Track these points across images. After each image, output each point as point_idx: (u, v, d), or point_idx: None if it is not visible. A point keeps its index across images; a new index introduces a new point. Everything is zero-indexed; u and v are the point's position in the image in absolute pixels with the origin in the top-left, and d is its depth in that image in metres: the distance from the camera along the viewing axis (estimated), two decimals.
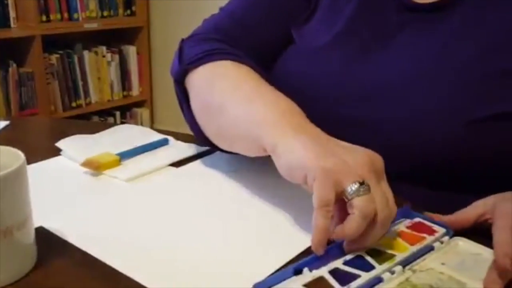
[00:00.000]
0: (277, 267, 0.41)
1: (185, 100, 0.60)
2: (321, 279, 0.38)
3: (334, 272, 0.39)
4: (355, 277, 0.38)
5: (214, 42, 0.62)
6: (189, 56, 0.59)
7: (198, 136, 0.61)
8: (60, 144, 0.65)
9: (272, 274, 0.40)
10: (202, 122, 0.58)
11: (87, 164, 0.58)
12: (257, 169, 0.61)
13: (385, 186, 0.43)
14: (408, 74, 0.56)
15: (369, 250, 0.42)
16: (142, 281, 0.39)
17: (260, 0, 0.66)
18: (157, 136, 0.69)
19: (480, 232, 0.45)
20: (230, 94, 0.54)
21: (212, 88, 0.56)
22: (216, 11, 0.69)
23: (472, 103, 0.53)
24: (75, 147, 0.64)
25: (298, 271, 0.39)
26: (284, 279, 0.38)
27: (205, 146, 0.63)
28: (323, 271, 0.39)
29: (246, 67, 0.57)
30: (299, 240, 0.45)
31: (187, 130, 0.74)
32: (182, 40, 0.64)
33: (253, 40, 0.65)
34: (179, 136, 0.70)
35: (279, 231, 0.47)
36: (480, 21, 0.55)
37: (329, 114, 0.59)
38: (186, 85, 0.60)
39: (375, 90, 0.58)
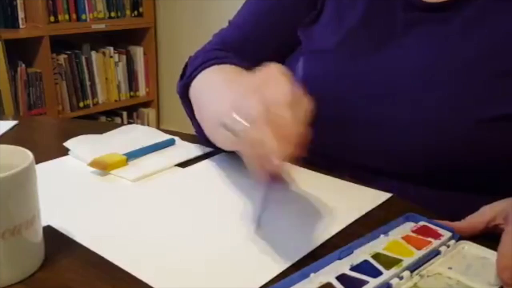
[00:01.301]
0: (283, 268, 0.41)
1: (191, 112, 0.64)
2: (328, 286, 0.38)
3: (341, 278, 0.38)
4: (363, 283, 0.38)
5: (215, 51, 0.65)
6: (189, 72, 0.64)
7: (205, 142, 0.63)
8: (68, 144, 0.65)
9: (278, 275, 0.40)
10: (201, 124, 0.61)
11: (95, 164, 0.59)
12: None
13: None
14: (415, 74, 0.56)
15: (375, 254, 0.41)
16: (148, 281, 0.39)
17: (265, 11, 0.68)
18: (163, 137, 0.70)
19: (486, 235, 0.45)
20: (205, 91, 0.59)
21: (200, 91, 0.60)
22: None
23: (480, 102, 0.53)
24: (83, 147, 0.64)
25: (304, 277, 0.39)
26: (291, 285, 0.38)
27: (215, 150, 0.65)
28: (330, 277, 0.38)
29: (228, 65, 0.61)
30: (305, 242, 0.45)
31: (193, 130, 0.74)
32: (189, 58, 0.67)
33: (261, 52, 0.66)
34: (185, 137, 0.70)
35: (285, 233, 0.47)
36: (487, 21, 0.55)
37: (336, 116, 0.59)
38: (190, 95, 0.64)
39: (381, 91, 0.58)
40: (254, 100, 0.39)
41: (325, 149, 0.61)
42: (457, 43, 0.56)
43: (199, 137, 0.64)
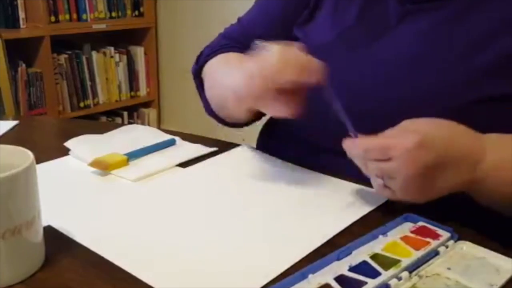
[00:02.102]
0: (284, 268, 0.41)
1: (202, 90, 0.72)
2: (326, 287, 0.38)
3: (340, 279, 0.38)
4: (361, 284, 0.38)
5: (224, 41, 0.73)
6: (203, 56, 0.73)
7: (213, 117, 0.71)
8: (68, 144, 0.65)
9: (279, 275, 0.40)
10: (211, 100, 0.69)
11: (95, 164, 0.59)
12: (264, 170, 0.61)
13: None
14: (406, 64, 0.58)
15: (373, 255, 0.42)
16: (148, 281, 0.39)
17: (266, 12, 0.73)
18: (164, 137, 0.70)
19: (484, 236, 0.45)
20: (221, 68, 0.67)
21: (215, 71, 0.69)
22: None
23: (461, 87, 0.54)
24: (83, 147, 0.65)
25: (303, 278, 0.39)
26: (290, 286, 0.38)
27: (225, 125, 0.71)
28: (328, 278, 0.39)
29: (234, 53, 0.69)
30: (305, 242, 0.45)
31: (194, 130, 0.75)
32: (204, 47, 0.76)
33: None
34: (186, 137, 0.71)
35: (285, 233, 0.47)
36: (477, 8, 0.57)
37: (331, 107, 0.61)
38: (202, 77, 0.72)
39: (374, 82, 0.60)
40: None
41: (317, 139, 0.63)
42: (449, 31, 0.57)
43: (206, 111, 0.72)
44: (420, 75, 0.57)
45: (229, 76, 0.59)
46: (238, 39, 0.73)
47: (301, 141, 0.65)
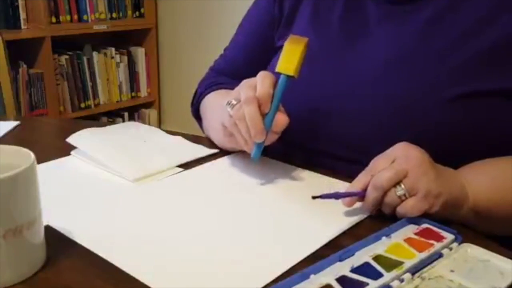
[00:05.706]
0: (284, 269, 0.41)
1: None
2: (328, 287, 0.38)
3: (341, 280, 0.38)
4: (363, 285, 0.38)
5: (213, 79, 0.77)
6: (197, 96, 0.77)
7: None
8: (70, 139, 0.65)
9: (280, 276, 0.40)
10: (212, 139, 0.70)
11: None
12: (265, 172, 0.61)
13: None
14: (384, 65, 0.59)
15: (376, 256, 0.41)
16: (148, 282, 0.39)
17: (246, 40, 0.77)
18: (167, 137, 0.70)
19: (488, 238, 0.45)
20: (208, 110, 0.72)
21: (205, 112, 0.73)
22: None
23: (445, 83, 0.55)
24: (86, 141, 0.64)
25: (305, 278, 0.39)
26: (291, 286, 0.38)
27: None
28: (330, 279, 0.38)
29: (223, 90, 0.73)
30: (308, 243, 0.45)
31: (194, 131, 0.74)
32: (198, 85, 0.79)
33: (253, 72, 0.75)
34: (187, 137, 0.70)
35: (286, 234, 0.47)
36: (454, 8, 0.58)
37: (320, 108, 0.62)
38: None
39: (354, 85, 0.60)
40: (243, 89, 0.54)
41: (302, 141, 0.64)
42: (430, 30, 0.58)
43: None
44: (403, 75, 0.58)
45: (216, 116, 0.62)
46: (225, 72, 0.77)
47: (297, 145, 0.65)
